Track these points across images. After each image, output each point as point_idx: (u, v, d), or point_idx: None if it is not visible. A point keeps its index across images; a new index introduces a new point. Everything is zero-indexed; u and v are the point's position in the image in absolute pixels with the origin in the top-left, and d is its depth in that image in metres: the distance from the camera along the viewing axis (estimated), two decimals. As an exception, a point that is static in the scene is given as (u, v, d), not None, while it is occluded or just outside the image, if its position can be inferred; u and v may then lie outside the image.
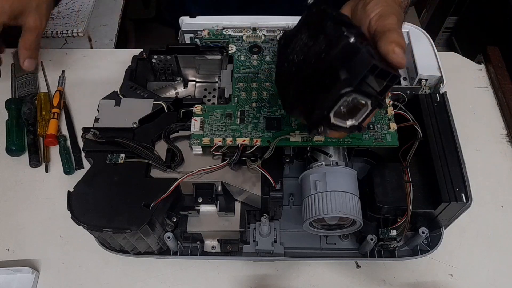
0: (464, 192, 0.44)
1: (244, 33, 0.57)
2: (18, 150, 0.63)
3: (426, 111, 0.50)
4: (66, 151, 0.63)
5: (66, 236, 0.56)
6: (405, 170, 0.47)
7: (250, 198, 0.48)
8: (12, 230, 0.57)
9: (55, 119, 0.65)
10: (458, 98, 0.61)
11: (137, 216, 0.44)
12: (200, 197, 0.47)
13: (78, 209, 0.44)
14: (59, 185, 0.61)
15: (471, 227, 0.57)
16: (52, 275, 0.54)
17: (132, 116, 0.50)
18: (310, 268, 0.54)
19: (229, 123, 0.48)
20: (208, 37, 0.57)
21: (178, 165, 0.48)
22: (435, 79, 0.54)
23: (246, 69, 0.53)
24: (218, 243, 0.52)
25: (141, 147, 0.47)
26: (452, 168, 0.46)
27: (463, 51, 1.18)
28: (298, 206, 0.53)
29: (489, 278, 0.53)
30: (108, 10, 0.93)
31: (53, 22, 0.89)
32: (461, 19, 1.42)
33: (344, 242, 0.54)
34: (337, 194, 0.44)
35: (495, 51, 0.74)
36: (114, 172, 0.47)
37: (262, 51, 0.55)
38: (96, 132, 0.48)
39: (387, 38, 0.37)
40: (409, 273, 0.54)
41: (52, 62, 0.74)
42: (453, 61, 0.74)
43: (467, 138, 0.62)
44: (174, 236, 0.49)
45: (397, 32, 0.37)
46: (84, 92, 0.70)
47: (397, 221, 0.47)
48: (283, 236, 0.54)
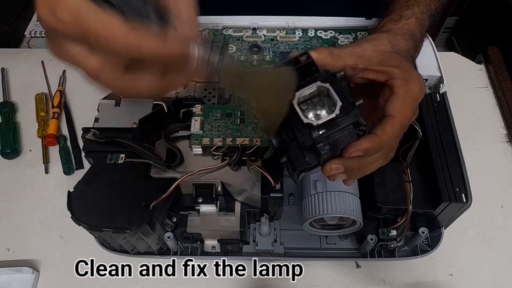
0: (464, 192, 0.44)
1: (244, 33, 0.57)
2: (13, 153, 0.63)
3: (426, 111, 0.50)
4: (66, 151, 0.63)
5: (66, 236, 0.56)
6: (405, 170, 0.47)
7: (250, 198, 0.48)
8: (12, 230, 0.57)
9: (55, 119, 0.65)
10: (458, 98, 0.61)
11: (137, 216, 0.44)
12: (200, 197, 0.47)
13: (78, 209, 0.44)
14: (59, 185, 0.61)
15: (471, 227, 0.57)
16: (52, 275, 0.54)
17: (132, 116, 0.50)
18: (310, 268, 0.54)
19: (229, 123, 0.48)
20: (208, 37, 0.57)
21: (178, 165, 0.47)
22: (435, 79, 0.54)
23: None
24: (218, 243, 0.52)
25: (141, 147, 0.47)
26: (452, 168, 0.46)
27: (463, 51, 1.18)
28: (298, 206, 0.53)
29: (489, 278, 0.53)
30: (108, 10, 0.93)
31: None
32: (461, 19, 1.42)
33: (344, 242, 0.54)
34: (337, 194, 0.44)
35: (495, 51, 0.74)
36: (114, 172, 0.47)
37: (262, 51, 0.55)
38: (96, 132, 0.48)
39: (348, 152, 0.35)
40: (409, 273, 0.54)
41: (52, 62, 0.74)
42: (453, 61, 0.74)
43: (467, 138, 0.62)
44: (174, 236, 0.49)
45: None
46: (84, 92, 0.70)
47: (397, 221, 0.47)
48: (283, 236, 0.54)
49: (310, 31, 0.58)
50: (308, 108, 0.35)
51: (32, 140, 0.65)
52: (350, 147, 0.35)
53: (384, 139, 0.36)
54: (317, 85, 0.34)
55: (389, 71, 0.38)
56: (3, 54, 0.76)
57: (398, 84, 0.37)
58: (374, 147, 0.35)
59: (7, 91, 0.70)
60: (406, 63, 0.40)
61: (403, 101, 0.37)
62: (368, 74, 0.40)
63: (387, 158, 0.39)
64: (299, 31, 0.58)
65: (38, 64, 0.74)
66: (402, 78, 0.37)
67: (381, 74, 0.39)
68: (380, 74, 0.39)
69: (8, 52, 0.77)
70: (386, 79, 0.38)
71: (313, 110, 0.35)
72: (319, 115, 0.34)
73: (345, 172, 0.37)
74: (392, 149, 0.40)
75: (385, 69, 0.39)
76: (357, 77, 0.40)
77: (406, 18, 0.46)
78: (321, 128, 0.32)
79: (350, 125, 0.33)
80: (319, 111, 0.35)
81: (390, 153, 0.40)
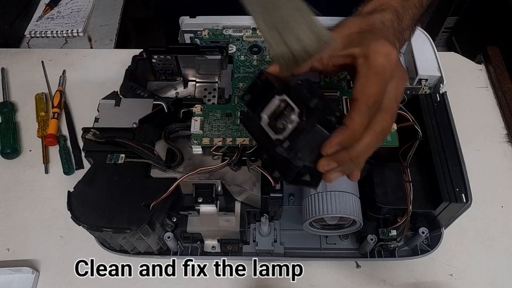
0: (464, 192, 0.44)
1: (244, 33, 0.57)
2: (13, 153, 0.63)
3: (426, 111, 0.50)
4: (66, 151, 0.63)
5: (66, 236, 0.56)
6: (405, 170, 0.47)
7: (250, 198, 0.48)
8: (12, 230, 0.57)
9: (55, 119, 0.65)
10: (458, 98, 0.61)
11: (137, 216, 0.44)
12: (200, 197, 0.47)
13: (78, 209, 0.44)
14: (59, 185, 0.61)
15: (471, 227, 0.57)
16: (52, 275, 0.54)
17: (132, 116, 0.50)
18: (310, 268, 0.54)
19: (229, 123, 0.48)
20: (208, 37, 0.57)
21: (178, 165, 0.48)
22: (435, 79, 0.54)
23: (246, 69, 0.53)
24: (218, 243, 0.52)
25: (141, 147, 0.47)
26: (452, 168, 0.46)
27: (463, 51, 1.18)
28: (298, 206, 0.53)
29: (489, 278, 0.53)
30: (108, 10, 0.93)
31: (53, 22, 0.89)
32: (461, 19, 1.42)
33: (344, 242, 0.54)
34: (337, 194, 0.44)
35: (495, 51, 0.74)
36: (114, 172, 0.47)
37: (262, 51, 0.55)
38: (96, 132, 0.48)
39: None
40: (409, 273, 0.54)
41: (52, 62, 0.74)
42: (453, 61, 0.74)
43: (467, 138, 0.62)
44: (174, 236, 0.49)
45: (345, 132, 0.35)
46: (84, 92, 0.70)
47: (397, 221, 0.47)
48: (283, 236, 0.54)
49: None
50: (285, 121, 0.35)
51: (32, 140, 0.65)
52: (324, 145, 0.34)
53: (354, 127, 0.34)
54: (276, 99, 0.34)
55: (350, 52, 0.37)
56: (3, 54, 0.76)
57: (359, 63, 0.36)
58: (348, 138, 0.34)
59: (7, 91, 0.70)
60: (371, 36, 0.38)
61: (365, 80, 0.35)
62: (336, 61, 0.39)
63: (379, 138, 0.37)
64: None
65: (38, 64, 0.74)
66: (362, 55, 0.36)
67: (346, 57, 0.38)
68: (345, 57, 0.38)
69: (8, 52, 0.77)
70: (351, 61, 0.37)
71: (289, 123, 0.35)
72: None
73: (339, 167, 0.36)
74: (382, 130, 0.37)
75: (347, 51, 0.38)
76: (329, 67, 0.39)
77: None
78: (287, 141, 0.33)
79: (316, 125, 0.33)
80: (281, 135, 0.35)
81: (383, 134, 0.37)
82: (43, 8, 0.91)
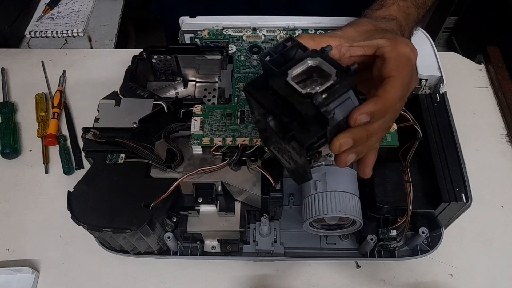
0: (464, 192, 0.44)
1: (244, 33, 0.57)
2: (13, 153, 0.63)
3: (426, 111, 0.50)
4: (66, 151, 0.63)
5: (66, 236, 0.56)
6: (405, 170, 0.47)
7: (250, 198, 0.48)
8: (12, 230, 0.57)
9: (55, 119, 0.65)
10: (458, 98, 0.61)
11: (137, 216, 0.44)
12: (200, 197, 0.47)
13: (78, 209, 0.44)
14: (59, 185, 0.61)
15: (471, 227, 0.57)
16: (52, 275, 0.54)
17: (132, 116, 0.50)
18: (310, 268, 0.54)
19: (229, 123, 0.48)
20: (208, 37, 0.57)
21: (178, 165, 0.48)
22: (435, 79, 0.54)
23: (246, 69, 0.53)
24: (218, 243, 0.52)
25: (141, 147, 0.47)
26: (452, 168, 0.46)
27: (463, 51, 1.18)
28: (298, 206, 0.53)
29: (489, 278, 0.53)
30: (108, 10, 0.93)
31: (53, 22, 0.89)
32: (461, 19, 1.42)
33: (344, 242, 0.54)
34: (337, 194, 0.44)
35: (495, 51, 0.74)
36: (114, 172, 0.47)
37: (262, 51, 0.55)
38: (96, 132, 0.48)
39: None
40: (409, 273, 0.54)
41: (52, 62, 0.74)
42: (453, 61, 0.74)
43: (467, 138, 0.62)
44: (174, 236, 0.49)
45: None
46: (84, 92, 0.70)
47: (397, 221, 0.47)
48: (283, 236, 0.54)
49: (310, 31, 0.58)
50: (315, 82, 0.34)
51: (32, 140, 0.65)
52: (355, 111, 0.33)
53: (388, 99, 0.34)
54: (308, 61, 0.33)
55: (374, 43, 0.38)
56: (3, 54, 0.76)
57: (387, 50, 0.37)
58: (380, 108, 0.34)
59: (7, 91, 0.70)
60: (390, 33, 0.40)
61: (398, 61, 0.36)
62: (355, 51, 0.39)
63: (388, 126, 0.38)
64: (299, 31, 0.57)
65: (38, 64, 0.74)
66: (390, 44, 0.37)
67: (367, 48, 0.39)
68: (367, 48, 0.39)
69: (8, 52, 0.77)
70: (374, 51, 0.38)
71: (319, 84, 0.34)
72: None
73: (354, 147, 0.35)
74: (396, 113, 0.38)
75: (370, 42, 0.39)
76: (345, 57, 0.40)
77: (387, 6, 0.47)
78: (320, 95, 0.31)
79: (350, 90, 0.33)
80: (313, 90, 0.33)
81: (391, 122, 0.39)
82: (43, 8, 0.91)
